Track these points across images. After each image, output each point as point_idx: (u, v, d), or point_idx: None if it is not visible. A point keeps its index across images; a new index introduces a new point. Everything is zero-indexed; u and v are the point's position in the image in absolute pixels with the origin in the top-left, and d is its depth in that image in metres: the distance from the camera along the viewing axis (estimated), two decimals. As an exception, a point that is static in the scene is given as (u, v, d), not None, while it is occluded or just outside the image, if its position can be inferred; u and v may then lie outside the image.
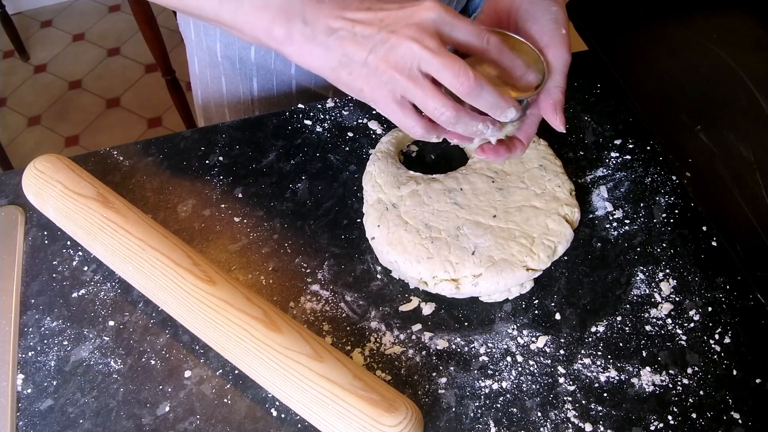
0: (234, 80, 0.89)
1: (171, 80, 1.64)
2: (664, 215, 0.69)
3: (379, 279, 0.65)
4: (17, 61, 2.41)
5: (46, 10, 2.59)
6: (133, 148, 0.76)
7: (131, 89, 2.31)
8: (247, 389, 0.59)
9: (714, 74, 0.78)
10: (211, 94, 0.93)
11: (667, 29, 0.86)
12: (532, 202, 0.66)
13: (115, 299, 0.65)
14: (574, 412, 0.57)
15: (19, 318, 0.64)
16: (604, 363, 0.59)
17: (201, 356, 0.61)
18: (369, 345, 0.61)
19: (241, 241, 0.68)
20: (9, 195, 0.73)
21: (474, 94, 0.50)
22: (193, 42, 0.90)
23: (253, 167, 0.74)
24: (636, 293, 0.63)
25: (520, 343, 0.61)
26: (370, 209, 0.67)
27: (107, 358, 0.61)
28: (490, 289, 0.62)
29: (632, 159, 0.73)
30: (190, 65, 0.94)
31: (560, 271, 0.65)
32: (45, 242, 0.69)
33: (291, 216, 0.70)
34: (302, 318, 0.63)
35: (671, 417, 0.56)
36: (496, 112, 0.52)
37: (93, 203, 0.64)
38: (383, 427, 0.51)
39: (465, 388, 0.59)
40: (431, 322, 0.63)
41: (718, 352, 0.60)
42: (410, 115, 0.52)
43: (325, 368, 0.53)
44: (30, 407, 0.59)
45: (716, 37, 0.84)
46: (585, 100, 0.78)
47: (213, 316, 0.57)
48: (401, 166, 0.70)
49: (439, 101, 0.50)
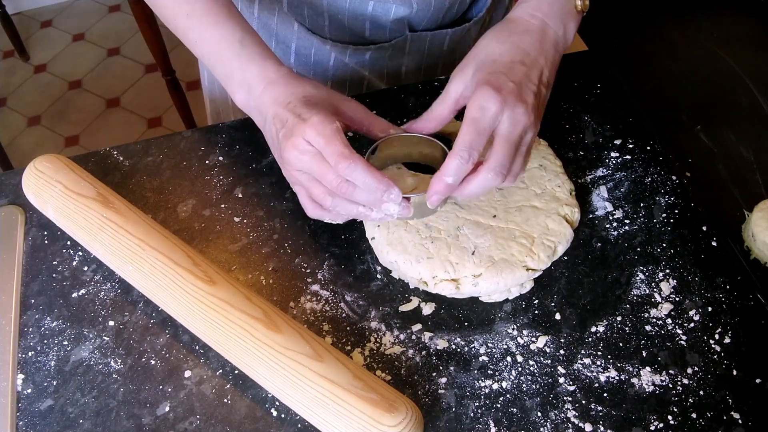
0: None
1: (171, 80, 1.64)
2: (664, 215, 0.68)
3: (379, 279, 0.65)
4: (17, 61, 2.41)
5: (46, 10, 2.59)
6: (133, 148, 0.76)
7: (131, 89, 2.31)
8: (247, 389, 0.59)
9: (714, 74, 0.78)
10: (218, 88, 0.95)
11: (667, 29, 0.86)
12: (532, 202, 0.66)
13: (115, 299, 0.65)
14: (574, 412, 0.57)
15: (19, 318, 0.64)
16: (604, 363, 0.59)
17: (201, 356, 0.61)
18: (369, 345, 0.61)
19: (241, 241, 0.68)
20: (9, 195, 0.73)
21: (347, 173, 0.54)
22: None
23: (253, 167, 0.74)
24: (636, 293, 0.63)
25: (520, 343, 0.61)
26: None
27: (107, 358, 0.61)
28: (490, 289, 0.62)
29: (632, 159, 0.73)
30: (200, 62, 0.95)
31: (560, 271, 0.65)
32: (45, 242, 0.69)
33: (291, 216, 0.70)
34: (302, 318, 0.63)
35: (671, 417, 0.56)
36: (375, 195, 0.56)
37: (93, 203, 0.64)
38: (383, 427, 0.51)
39: (465, 388, 0.59)
40: (431, 322, 0.63)
41: (718, 352, 0.60)
42: (302, 197, 0.61)
43: (325, 368, 0.53)
44: (30, 407, 0.59)
45: (716, 37, 0.85)
46: (585, 100, 0.78)
47: (213, 316, 0.57)
48: (401, 166, 0.70)
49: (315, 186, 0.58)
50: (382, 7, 0.78)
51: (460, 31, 0.86)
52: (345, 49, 0.84)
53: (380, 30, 0.83)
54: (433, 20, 0.83)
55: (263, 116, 0.62)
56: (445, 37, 0.86)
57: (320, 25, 0.83)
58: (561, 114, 0.77)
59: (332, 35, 0.84)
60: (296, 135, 0.56)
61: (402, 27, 0.83)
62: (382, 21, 0.81)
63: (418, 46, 0.86)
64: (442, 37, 0.86)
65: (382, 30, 0.83)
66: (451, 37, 0.86)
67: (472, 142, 0.55)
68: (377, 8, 0.78)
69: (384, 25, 0.82)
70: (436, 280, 0.62)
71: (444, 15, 0.83)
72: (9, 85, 2.34)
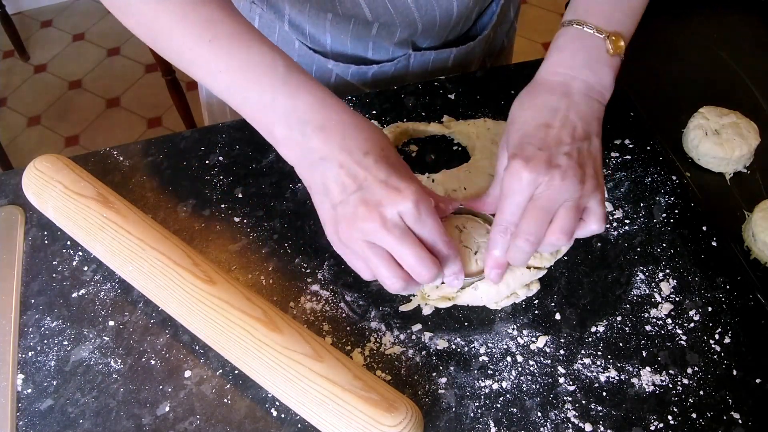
0: None
1: (171, 80, 1.64)
2: (664, 215, 0.68)
3: (379, 279, 0.65)
4: (17, 61, 2.41)
5: (46, 10, 2.59)
6: (133, 148, 0.76)
7: (131, 89, 2.31)
8: (247, 389, 0.59)
9: (714, 74, 0.78)
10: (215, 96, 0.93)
11: (667, 29, 0.86)
12: (533, 202, 0.66)
13: (115, 299, 0.65)
14: (574, 412, 0.57)
15: (19, 318, 0.64)
16: (604, 363, 0.59)
17: (201, 356, 0.61)
18: (369, 345, 0.61)
19: (241, 241, 0.68)
20: (9, 195, 0.73)
21: (426, 280, 0.52)
22: None
23: (253, 167, 0.74)
24: (636, 293, 0.63)
25: (520, 343, 0.61)
26: None
27: (107, 358, 0.61)
28: (491, 292, 0.62)
29: (632, 159, 0.73)
30: None
31: (560, 271, 0.65)
32: (45, 242, 0.69)
33: (291, 216, 0.70)
34: (302, 318, 0.63)
35: (671, 417, 0.56)
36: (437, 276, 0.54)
37: (93, 203, 0.64)
38: (383, 427, 0.51)
39: (465, 388, 0.58)
40: (431, 322, 0.63)
41: (718, 352, 0.60)
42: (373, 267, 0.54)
43: (325, 368, 0.53)
44: (30, 407, 0.59)
45: (716, 38, 0.85)
46: (585, 100, 0.78)
47: (213, 316, 0.57)
48: None
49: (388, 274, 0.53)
50: (386, 30, 0.77)
51: (464, 49, 0.85)
52: (347, 67, 0.83)
53: (383, 50, 0.82)
54: (437, 39, 0.82)
55: (314, 157, 0.52)
56: (449, 55, 0.84)
57: (322, 43, 0.81)
58: (561, 114, 0.77)
59: (334, 54, 0.82)
60: (386, 205, 0.50)
61: (405, 46, 0.82)
62: (386, 43, 0.80)
63: (421, 65, 0.85)
64: (446, 56, 0.84)
65: (385, 50, 0.82)
66: (455, 55, 0.85)
67: (508, 219, 0.56)
68: (381, 32, 0.77)
69: (387, 46, 0.81)
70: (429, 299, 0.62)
71: (448, 33, 0.82)
72: (9, 85, 2.34)
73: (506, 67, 0.82)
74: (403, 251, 0.51)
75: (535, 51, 2.29)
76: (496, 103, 0.78)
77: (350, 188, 0.51)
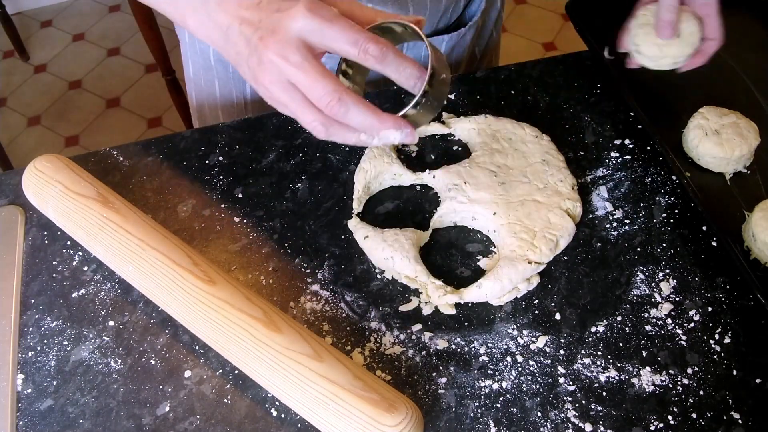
0: (227, 84, 0.89)
1: (171, 80, 1.64)
2: (664, 215, 0.68)
3: (379, 279, 0.65)
4: (17, 61, 2.41)
5: (46, 10, 2.59)
6: (133, 148, 0.76)
7: (131, 89, 2.31)
8: (247, 389, 0.59)
9: (714, 74, 0.78)
10: (205, 97, 0.93)
11: (667, 29, 0.86)
12: (534, 197, 0.66)
13: (115, 299, 0.65)
14: (574, 412, 0.57)
15: (19, 318, 0.64)
16: (604, 363, 0.59)
17: (201, 356, 0.61)
18: (369, 345, 0.61)
19: (241, 241, 0.68)
20: (9, 195, 0.73)
21: (340, 114, 0.48)
22: (188, 44, 0.90)
23: (253, 167, 0.74)
24: (636, 293, 0.63)
25: (520, 343, 0.61)
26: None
27: (107, 358, 0.61)
28: (495, 288, 0.62)
29: (632, 159, 0.73)
30: (185, 67, 0.94)
31: (560, 271, 0.65)
32: (45, 242, 0.69)
33: (291, 216, 0.70)
34: (302, 318, 0.63)
35: (671, 417, 0.56)
36: (371, 132, 0.50)
37: (93, 203, 0.64)
38: (383, 427, 0.51)
39: (465, 388, 0.59)
40: (431, 322, 0.63)
41: (718, 352, 0.60)
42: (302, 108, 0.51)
43: (325, 368, 0.53)
44: (30, 407, 0.59)
45: (716, 37, 0.84)
46: (585, 100, 0.78)
47: (213, 316, 0.57)
48: (396, 160, 0.70)
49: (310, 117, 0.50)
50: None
51: (456, 36, 0.86)
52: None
53: None
54: (428, 26, 0.83)
55: (223, 29, 0.52)
56: (441, 43, 0.86)
57: None
58: (561, 114, 0.77)
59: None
60: (280, 32, 0.47)
61: None
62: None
63: (414, 54, 0.85)
64: (438, 44, 0.85)
65: None
66: (447, 42, 0.86)
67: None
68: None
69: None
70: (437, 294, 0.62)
71: (439, 20, 0.83)
72: (9, 85, 2.34)
73: (506, 67, 0.82)
74: (299, 77, 0.47)
75: (535, 51, 2.29)
76: (496, 103, 0.78)
77: (251, 36, 0.50)
